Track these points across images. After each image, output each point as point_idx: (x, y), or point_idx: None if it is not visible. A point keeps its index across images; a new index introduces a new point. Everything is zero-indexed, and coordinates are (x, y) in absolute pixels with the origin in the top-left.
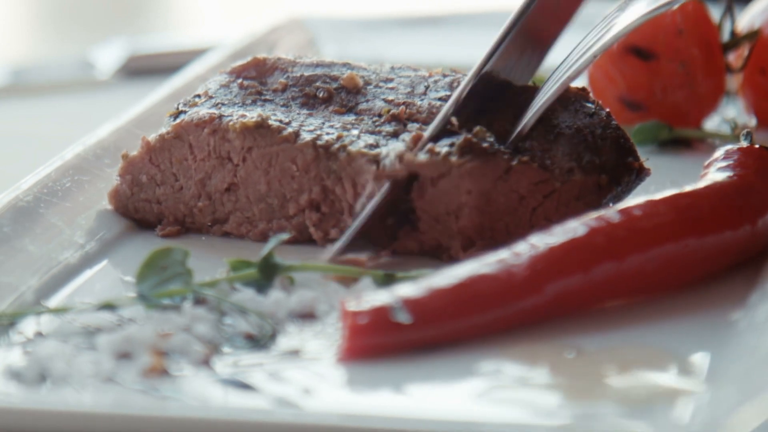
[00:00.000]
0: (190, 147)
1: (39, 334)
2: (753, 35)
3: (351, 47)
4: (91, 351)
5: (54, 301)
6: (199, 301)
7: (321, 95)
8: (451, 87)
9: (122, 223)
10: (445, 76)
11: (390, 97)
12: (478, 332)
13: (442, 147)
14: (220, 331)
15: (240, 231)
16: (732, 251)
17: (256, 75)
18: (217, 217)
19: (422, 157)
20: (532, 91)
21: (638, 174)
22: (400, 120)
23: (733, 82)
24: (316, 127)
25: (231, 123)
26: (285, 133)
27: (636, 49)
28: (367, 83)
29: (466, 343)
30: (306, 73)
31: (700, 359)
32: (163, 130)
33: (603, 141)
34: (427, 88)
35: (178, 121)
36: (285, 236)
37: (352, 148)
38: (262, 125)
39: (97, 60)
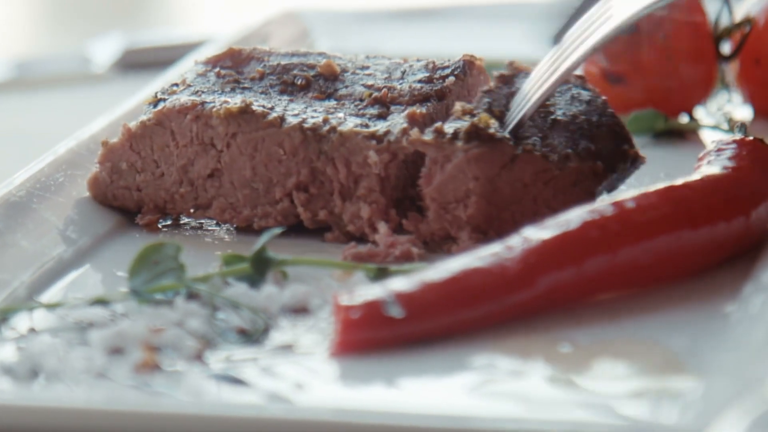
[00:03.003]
0: (172, 133)
1: (31, 330)
2: (746, 24)
3: (345, 40)
4: (83, 346)
5: (46, 297)
6: (191, 296)
7: (299, 82)
8: (428, 69)
9: (115, 219)
10: (418, 60)
11: (369, 83)
12: (471, 326)
13: (449, 130)
14: (213, 326)
15: (223, 217)
16: (726, 244)
17: (232, 65)
18: (200, 203)
19: (428, 136)
20: None
21: (633, 162)
22: (384, 103)
23: (730, 73)
24: (299, 111)
25: (214, 109)
26: (270, 117)
27: None
28: (344, 70)
29: (459, 337)
30: (282, 62)
31: (693, 352)
32: (144, 117)
33: (598, 128)
34: (404, 73)
35: (159, 108)
36: (278, 230)
37: (343, 129)
38: (246, 111)
39: (93, 54)
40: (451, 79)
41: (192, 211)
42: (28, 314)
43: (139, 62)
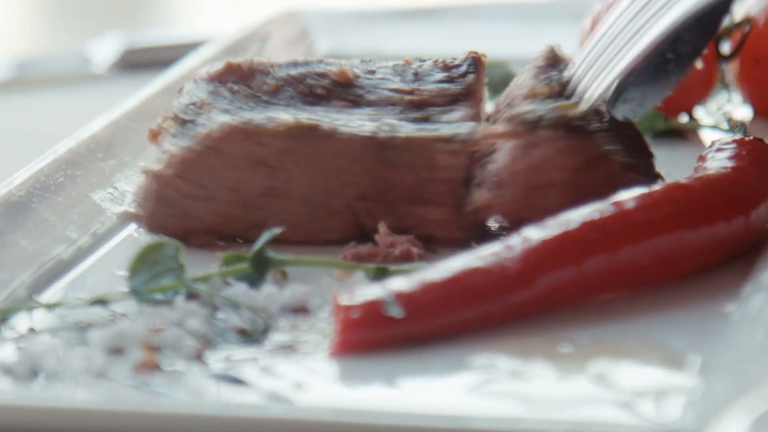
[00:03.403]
0: (221, 155)
1: (31, 330)
2: (746, 23)
3: (345, 40)
4: (83, 346)
5: (46, 297)
6: (191, 296)
7: (319, 92)
8: (439, 68)
9: (114, 218)
10: (422, 60)
11: (392, 87)
12: (471, 326)
13: (531, 116)
14: (213, 326)
15: (281, 234)
16: (726, 244)
17: (238, 79)
18: (255, 222)
19: (507, 126)
20: None
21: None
22: (420, 106)
23: (730, 73)
24: (345, 121)
25: (264, 126)
26: (326, 129)
27: None
28: (356, 76)
29: (459, 337)
30: (291, 73)
31: (693, 352)
32: (188, 142)
33: (637, 140)
34: (416, 74)
35: (203, 130)
36: (278, 230)
37: (407, 134)
38: (300, 125)
39: (93, 54)
40: (472, 76)
41: (247, 231)
42: (28, 314)
43: (139, 62)
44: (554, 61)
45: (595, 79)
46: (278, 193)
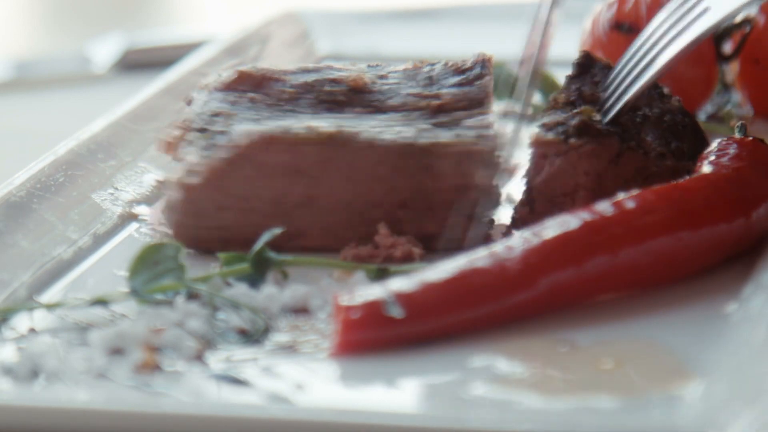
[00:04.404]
0: (257, 166)
1: (31, 330)
2: (746, 24)
3: (345, 41)
4: (83, 347)
5: (46, 297)
6: (191, 297)
7: (339, 98)
8: (452, 70)
9: (115, 219)
10: (432, 64)
11: (411, 91)
12: (472, 327)
13: (559, 125)
14: (213, 326)
15: (321, 243)
16: (726, 244)
17: (251, 88)
18: (293, 232)
19: (549, 135)
20: None
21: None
22: (445, 111)
23: (730, 73)
24: (381, 128)
25: (301, 135)
26: (365, 136)
27: (618, 23)
28: (370, 82)
29: (460, 338)
30: (305, 80)
31: (694, 353)
32: (222, 153)
33: (684, 128)
34: (430, 78)
35: (237, 140)
36: (278, 230)
37: (439, 141)
38: (338, 133)
39: (93, 54)
40: (488, 78)
41: (286, 241)
42: (28, 314)
43: (140, 62)
44: (585, 68)
45: (615, 95)
46: (317, 202)
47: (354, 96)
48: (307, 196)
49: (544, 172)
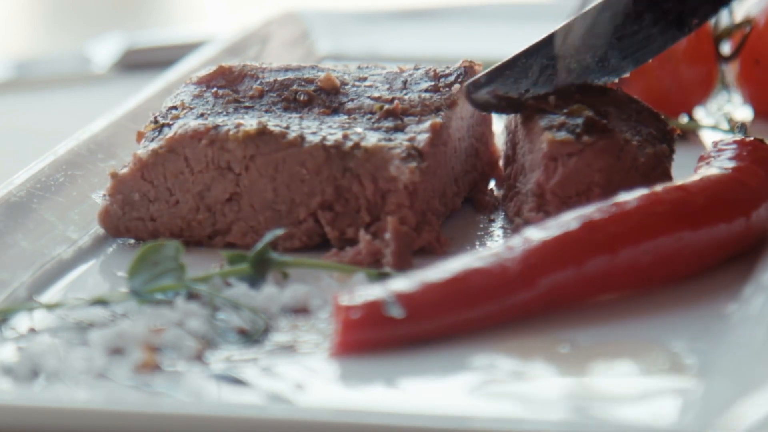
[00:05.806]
0: (186, 160)
1: (31, 330)
2: (746, 24)
3: (345, 41)
4: (83, 347)
5: (46, 297)
6: (191, 297)
7: (301, 98)
8: (429, 76)
9: None
10: (417, 69)
11: (375, 95)
12: (472, 326)
13: (564, 126)
14: (213, 326)
15: (244, 240)
16: (726, 244)
17: (225, 83)
18: (218, 228)
19: (561, 135)
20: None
21: (677, 137)
22: (396, 115)
23: (730, 73)
24: (315, 129)
25: (230, 132)
26: (290, 137)
27: None
28: (344, 83)
29: (460, 338)
30: (279, 78)
31: (693, 353)
32: (155, 146)
33: (641, 113)
34: (405, 82)
35: (170, 134)
36: (280, 231)
37: (368, 144)
38: (264, 132)
39: (93, 54)
40: (457, 86)
41: (210, 237)
42: (28, 314)
43: (140, 62)
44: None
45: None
46: (242, 199)
47: (319, 97)
48: (233, 193)
49: (558, 174)
